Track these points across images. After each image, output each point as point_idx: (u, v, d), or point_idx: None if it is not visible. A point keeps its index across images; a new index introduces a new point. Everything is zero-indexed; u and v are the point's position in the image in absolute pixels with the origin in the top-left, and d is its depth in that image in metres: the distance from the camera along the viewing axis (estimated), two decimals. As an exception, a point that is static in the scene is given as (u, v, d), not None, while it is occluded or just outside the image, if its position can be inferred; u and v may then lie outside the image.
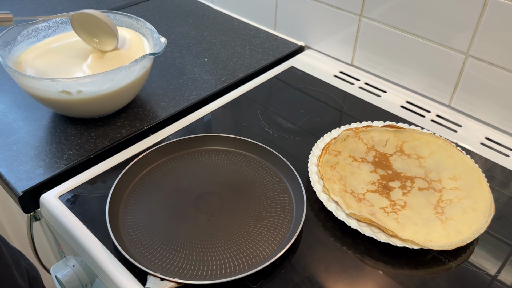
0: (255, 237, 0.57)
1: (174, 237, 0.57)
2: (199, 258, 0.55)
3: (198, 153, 0.69)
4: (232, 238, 0.57)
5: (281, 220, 0.60)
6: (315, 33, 0.94)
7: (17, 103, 0.78)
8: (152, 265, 0.54)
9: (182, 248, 0.56)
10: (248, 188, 0.64)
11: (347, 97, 0.83)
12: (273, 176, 0.66)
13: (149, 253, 0.55)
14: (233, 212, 0.61)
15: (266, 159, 0.68)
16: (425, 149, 0.68)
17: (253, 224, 0.59)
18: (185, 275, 0.53)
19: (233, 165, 0.68)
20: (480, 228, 0.56)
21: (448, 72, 0.77)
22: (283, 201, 0.62)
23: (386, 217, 0.58)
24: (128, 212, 0.60)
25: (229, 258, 0.55)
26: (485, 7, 0.68)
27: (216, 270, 0.53)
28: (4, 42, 0.71)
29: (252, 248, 0.56)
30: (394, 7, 0.78)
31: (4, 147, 0.69)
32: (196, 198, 0.63)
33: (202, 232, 0.58)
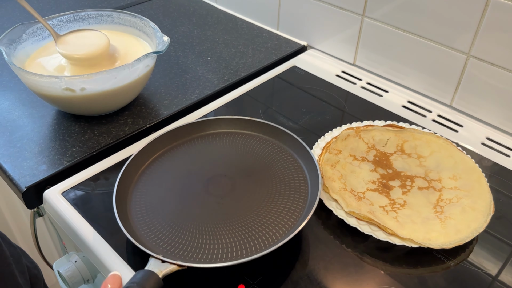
0: (265, 221, 0.56)
1: (181, 220, 0.57)
2: (205, 241, 0.54)
3: (211, 136, 0.68)
4: (241, 222, 0.56)
5: (294, 204, 0.58)
6: (317, 33, 0.94)
7: (21, 101, 0.78)
8: (155, 247, 0.53)
9: (188, 230, 0.55)
10: (262, 170, 0.63)
11: (349, 96, 0.83)
12: (288, 158, 0.64)
13: (154, 235, 0.55)
14: (244, 195, 0.60)
15: (282, 140, 0.66)
16: (425, 148, 0.68)
17: (264, 207, 0.58)
18: (189, 258, 0.52)
19: (247, 147, 0.66)
20: (479, 227, 0.56)
21: (449, 72, 0.77)
22: (297, 184, 0.60)
23: (385, 215, 0.59)
24: (137, 194, 0.60)
25: (236, 242, 0.54)
26: (487, 7, 0.68)
27: (222, 254, 0.52)
28: (9, 40, 0.72)
29: (261, 232, 0.55)
30: (396, 7, 0.78)
31: (9, 144, 0.69)
32: (207, 181, 0.62)
33: (210, 215, 0.57)
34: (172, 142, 0.67)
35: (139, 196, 0.60)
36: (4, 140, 0.70)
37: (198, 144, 0.68)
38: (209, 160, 0.65)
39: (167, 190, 0.61)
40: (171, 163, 0.65)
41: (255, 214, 0.57)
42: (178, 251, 0.53)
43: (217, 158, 0.65)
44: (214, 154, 0.66)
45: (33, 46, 0.77)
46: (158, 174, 0.63)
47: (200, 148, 0.67)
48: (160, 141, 0.66)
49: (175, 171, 0.63)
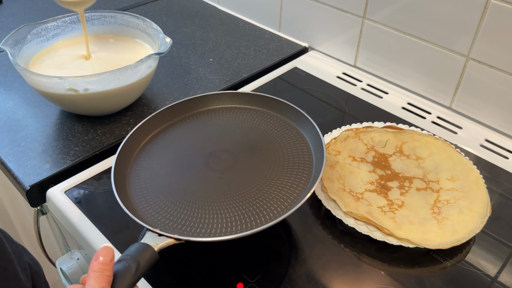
0: (267, 195, 0.55)
1: (181, 195, 0.56)
2: (204, 215, 0.53)
3: (213, 112, 0.67)
4: (242, 196, 0.55)
5: (297, 178, 0.56)
6: (319, 34, 0.95)
7: (26, 100, 0.80)
8: (152, 221, 0.52)
9: (187, 205, 0.54)
10: (265, 145, 0.62)
11: (349, 98, 0.84)
12: (292, 133, 0.62)
13: (152, 210, 0.54)
14: (246, 170, 0.58)
15: (286, 115, 0.65)
16: (424, 150, 0.69)
17: (266, 182, 0.56)
18: (187, 232, 0.51)
19: (250, 122, 0.65)
20: (476, 228, 0.57)
21: (449, 75, 0.78)
22: (301, 159, 0.59)
23: (383, 216, 0.59)
24: (136, 170, 0.59)
25: (236, 216, 0.52)
26: (486, 10, 0.69)
27: (221, 228, 0.51)
28: (14, 40, 0.73)
29: (263, 207, 0.53)
30: (397, 9, 0.79)
31: (13, 143, 0.71)
32: (208, 156, 0.61)
33: (210, 190, 0.56)
34: (173, 118, 0.66)
35: (138, 171, 0.59)
36: (9, 139, 0.71)
37: (200, 119, 0.66)
38: (211, 135, 0.63)
39: (167, 165, 0.59)
40: (172, 138, 0.63)
41: (257, 189, 0.56)
42: (176, 225, 0.52)
43: (219, 133, 0.63)
44: (216, 129, 0.64)
45: (38, 46, 0.78)
46: (158, 149, 0.61)
47: (202, 123, 0.65)
48: (161, 116, 0.65)
49: (175, 146, 0.62)
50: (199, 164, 0.60)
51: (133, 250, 0.45)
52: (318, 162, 0.58)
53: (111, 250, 0.44)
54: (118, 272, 0.43)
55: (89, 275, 0.42)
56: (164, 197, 0.56)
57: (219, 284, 0.53)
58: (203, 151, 0.62)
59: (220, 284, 0.53)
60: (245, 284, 0.53)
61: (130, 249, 0.46)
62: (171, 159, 0.61)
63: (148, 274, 0.54)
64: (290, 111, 0.65)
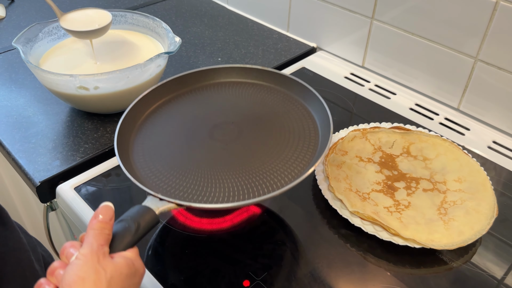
0: (271, 167, 0.54)
1: (184, 163, 0.56)
2: (206, 184, 0.53)
3: (220, 85, 0.67)
4: (245, 167, 0.54)
5: (302, 152, 0.56)
6: (327, 34, 0.95)
7: (37, 98, 0.81)
8: (154, 187, 0.52)
9: (190, 174, 0.55)
10: (271, 119, 0.61)
11: (357, 98, 0.84)
12: (298, 108, 0.62)
13: (155, 176, 0.54)
14: (250, 142, 0.58)
15: (293, 91, 0.65)
16: (431, 151, 0.69)
17: (271, 155, 0.56)
18: (189, 199, 0.51)
19: (257, 97, 0.65)
20: (482, 229, 0.57)
21: (457, 76, 0.78)
22: (307, 133, 0.58)
23: (389, 216, 0.59)
24: (140, 138, 0.59)
25: (239, 186, 0.52)
26: (495, 12, 0.69)
27: (223, 197, 0.51)
28: (26, 38, 0.74)
29: (266, 178, 0.53)
30: (405, 10, 0.79)
31: (24, 140, 0.72)
32: (213, 127, 0.61)
33: (214, 159, 0.56)
34: (179, 89, 0.66)
35: (141, 140, 0.59)
36: (20, 136, 0.72)
37: (206, 92, 0.66)
38: (216, 108, 0.63)
39: (170, 135, 0.60)
40: (177, 110, 0.63)
41: (261, 161, 0.55)
42: (178, 192, 0.52)
43: (225, 106, 0.63)
44: (222, 102, 0.64)
45: (49, 44, 0.79)
46: (162, 119, 0.62)
47: (208, 96, 0.65)
48: (168, 86, 0.65)
49: (180, 117, 0.62)
50: (203, 134, 0.60)
51: (134, 211, 0.45)
52: (324, 138, 0.57)
53: (111, 209, 0.44)
54: (118, 232, 0.43)
55: (87, 233, 0.42)
56: (167, 165, 0.56)
57: (226, 281, 0.54)
58: (207, 123, 0.61)
59: (226, 282, 0.54)
60: (251, 282, 0.53)
61: (131, 211, 0.45)
62: (175, 129, 0.61)
63: (155, 270, 0.55)
64: (298, 88, 0.65)
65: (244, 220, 0.62)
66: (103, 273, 0.40)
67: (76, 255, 0.40)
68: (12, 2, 1.13)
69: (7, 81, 0.85)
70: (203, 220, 0.61)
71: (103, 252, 0.41)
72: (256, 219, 0.62)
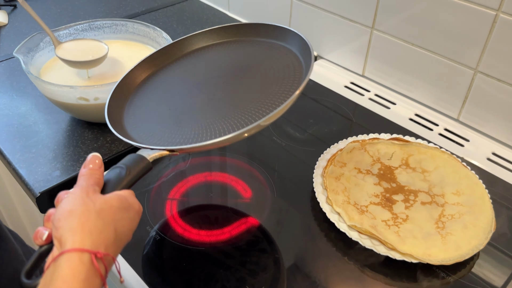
0: (260, 103, 0.56)
1: (174, 118, 0.58)
2: (198, 130, 0.55)
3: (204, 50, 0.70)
4: (234, 109, 0.56)
5: (289, 83, 0.57)
6: (327, 43, 0.96)
7: (38, 106, 0.81)
8: (145, 142, 0.55)
9: (181, 125, 0.56)
10: (254, 65, 0.63)
11: (356, 108, 0.85)
12: (281, 50, 0.64)
13: (146, 135, 0.56)
14: (236, 88, 0.60)
15: (275, 37, 0.67)
16: (430, 163, 0.69)
17: (258, 93, 0.58)
18: (178, 144, 0.53)
19: (240, 51, 0.68)
20: (480, 244, 0.57)
21: (457, 86, 0.78)
22: (291, 69, 0.59)
23: (387, 230, 0.60)
24: (129, 109, 0.62)
25: (229, 125, 0.54)
26: (494, 24, 0.69)
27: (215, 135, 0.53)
28: (27, 48, 0.75)
29: (257, 112, 0.54)
30: (405, 21, 0.79)
31: (24, 149, 0.72)
32: (199, 84, 0.63)
33: (203, 109, 0.58)
34: (165, 60, 0.69)
35: (131, 111, 0.61)
36: (20, 146, 0.73)
37: (191, 59, 0.69)
38: (201, 69, 0.66)
39: (159, 101, 0.62)
40: (164, 79, 0.66)
41: (248, 101, 0.57)
42: (167, 143, 0.54)
43: (209, 66, 0.66)
44: (206, 63, 0.67)
45: (50, 54, 0.80)
46: (150, 90, 0.64)
47: (193, 62, 0.68)
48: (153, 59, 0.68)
49: (167, 85, 0.65)
50: (189, 92, 0.62)
51: (126, 159, 0.47)
52: (307, 65, 0.58)
53: (99, 158, 0.45)
54: (110, 178, 0.45)
55: (78, 179, 0.43)
56: (158, 124, 0.58)
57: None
58: (194, 83, 0.64)
59: (223, 295, 0.54)
60: (248, 296, 0.54)
61: (124, 159, 0.47)
62: (162, 95, 0.63)
63: (151, 282, 0.55)
64: (277, 32, 0.66)
65: (242, 232, 0.62)
66: (92, 205, 0.40)
67: (67, 195, 0.41)
68: (14, 8, 1.14)
69: (8, 89, 0.85)
70: (201, 232, 0.62)
71: (93, 189, 0.42)
72: (254, 231, 0.62)
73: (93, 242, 0.37)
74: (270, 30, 0.67)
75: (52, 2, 1.17)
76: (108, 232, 0.39)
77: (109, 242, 0.39)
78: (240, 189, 0.68)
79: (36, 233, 0.41)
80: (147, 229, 0.61)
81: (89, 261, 0.36)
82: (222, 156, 0.74)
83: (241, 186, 0.69)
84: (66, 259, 0.36)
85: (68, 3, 1.16)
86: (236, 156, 0.74)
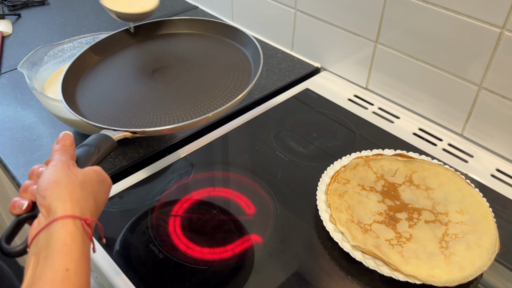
0: (213, 95, 0.62)
1: (130, 103, 0.63)
2: (156, 117, 0.59)
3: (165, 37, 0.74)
4: (189, 97, 0.62)
5: (239, 80, 0.64)
6: (331, 55, 0.95)
7: (42, 120, 0.81)
8: (106, 124, 0.58)
9: (137, 110, 0.61)
10: (207, 59, 0.69)
11: (360, 122, 0.84)
12: (234, 50, 0.71)
13: (104, 118, 0.60)
14: (191, 78, 0.66)
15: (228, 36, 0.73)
16: (434, 180, 0.69)
17: (211, 85, 0.64)
18: (139, 126, 0.58)
19: (196, 44, 0.73)
20: (483, 265, 0.57)
21: (461, 102, 0.78)
22: (241, 65, 0.67)
23: (390, 249, 0.59)
24: (83, 89, 0.65)
25: (187, 113, 0.59)
26: (499, 41, 0.68)
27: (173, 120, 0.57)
28: (31, 63, 0.75)
29: (211, 103, 0.61)
30: (410, 36, 0.79)
31: (29, 164, 0.72)
32: (153, 71, 0.68)
33: (158, 97, 0.63)
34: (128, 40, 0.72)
35: (84, 91, 0.64)
36: (25, 160, 0.73)
37: (151, 43, 0.73)
38: (156, 56, 0.70)
39: (114, 83, 0.66)
40: (117, 62, 0.69)
41: (202, 91, 0.63)
42: (127, 125, 0.58)
43: (165, 54, 0.70)
44: (162, 51, 0.71)
45: (54, 67, 0.80)
46: (106, 70, 0.68)
47: (151, 47, 0.72)
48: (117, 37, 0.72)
49: (122, 67, 0.68)
50: (145, 78, 0.67)
51: (93, 138, 0.52)
52: (256, 67, 0.66)
53: (71, 135, 0.49)
54: (80, 154, 0.49)
55: (52, 154, 0.46)
56: (114, 107, 0.62)
57: (226, 315, 0.54)
58: (147, 68, 0.68)
59: (226, 316, 0.54)
60: (251, 317, 0.54)
61: (90, 138, 0.52)
62: (117, 78, 0.67)
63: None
64: (231, 32, 0.73)
65: (245, 250, 0.62)
66: (74, 177, 0.43)
67: (47, 167, 0.44)
68: (19, 18, 1.14)
69: (13, 102, 0.85)
70: (204, 249, 0.62)
71: (72, 162, 0.46)
72: (257, 249, 0.62)
73: (80, 210, 0.41)
74: (225, 29, 0.74)
75: (56, 11, 1.17)
76: (90, 202, 0.43)
77: (92, 210, 0.43)
78: (244, 205, 0.68)
79: (13, 203, 0.43)
80: (151, 247, 0.61)
81: (81, 226, 0.40)
82: (225, 171, 0.74)
83: (244, 202, 0.69)
84: (62, 224, 0.39)
85: (72, 12, 1.17)
86: (239, 171, 0.74)
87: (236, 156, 0.77)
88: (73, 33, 1.07)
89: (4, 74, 0.93)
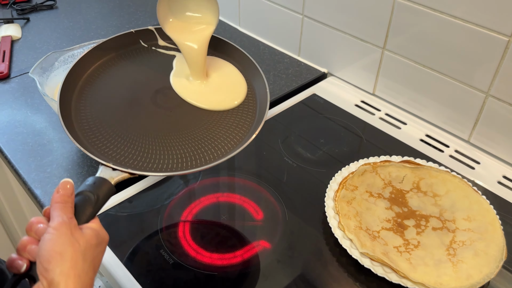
0: (214, 134, 0.59)
1: (130, 130, 0.58)
2: (154, 151, 0.55)
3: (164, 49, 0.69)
4: (190, 134, 0.58)
5: (242, 119, 0.60)
6: (338, 60, 0.96)
7: (52, 124, 0.82)
8: (105, 156, 0.54)
9: (137, 141, 0.56)
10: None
11: (367, 128, 0.85)
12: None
13: (102, 145, 0.55)
14: (193, 109, 0.62)
15: (233, 58, 0.69)
16: (441, 187, 0.69)
17: (213, 122, 0.61)
18: (139, 166, 0.53)
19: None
20: (491, 273, 0.57)
21: (468, 108, 0.78)
22: (246, 101, 0.63)
23: (399, 257, 0.60)
24: (81, 103, 0.59)
25: (186, 153, 0.56)
26: (507, 50, 0.69)
27: (172, 164, 0.54)
28: (42, 68, 0.76)
29: (211, 145, 0.58)
30: (417, 42, 0.80)
31: (39, 169, 0.73)
32: (155, 92, 0.63)
33: (159, 126, 0.59)
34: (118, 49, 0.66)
35: (83, 104, 0.59)
36: (35, 165, 0.74)
37: (146, 55, 0.67)
38: (156, 72, 0.64)
39: (113, 99, 0.60)
40: (116, 73, 0.64)
41: (204, 128, 0.59)
42: (128, 160, 0.54)
43: (166, 71, 0.65)
44: (163, 66, 0.66)
45: (64, 73, 0.80)
46: (103, 83, 0.62)
47: (148, 59, 0.66)
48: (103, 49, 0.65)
49: (120, 81, 0.63)
50: (146, 100, 0.62)
51: (91, 184, 0.47)
52: (262, 104, 0.63)
53: (71, 183, 0.46)
54: (79, 204, 0.45)
55: (52, 206, 0.43)
56: (113, 132, 0.57)
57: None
58: (149, 87, 0.63)
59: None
60: (261, 323, 0.54)
61: (87, 183, 0.48)
62: (116, 93, 0.61)
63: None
64: (242, 59, 0.68)
65: (254, 255, 0.62)
66: (78, 245, 0.42)
67: (48, 230, 0.42)
68: (27, 22, 1.15)
69: (23, 106, 0.86)
70: (214, 255, 0.62)
71: (74, 224, 0.43)
72: (266, 254, 0.63)
73: (82, 285, 0.41)
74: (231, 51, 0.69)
75: (64, 15, 1.18)
76: (91, 272, 0.43)
77: (92, 281, 0.43)
78: (252, 211, 0.69)
79: (11, 262, 0.42)
80: (161, 253, 0.62)
81: None
82: (233, 176, 0.75)
83: (252, 207, 0.70)
84: None
85: (80, 16, 1.18)
86: (247, 176, 0.74)
87: (243, 161, 0.78)
88: (81, 37, 1.08)
89: (14, 79, 0.94)
